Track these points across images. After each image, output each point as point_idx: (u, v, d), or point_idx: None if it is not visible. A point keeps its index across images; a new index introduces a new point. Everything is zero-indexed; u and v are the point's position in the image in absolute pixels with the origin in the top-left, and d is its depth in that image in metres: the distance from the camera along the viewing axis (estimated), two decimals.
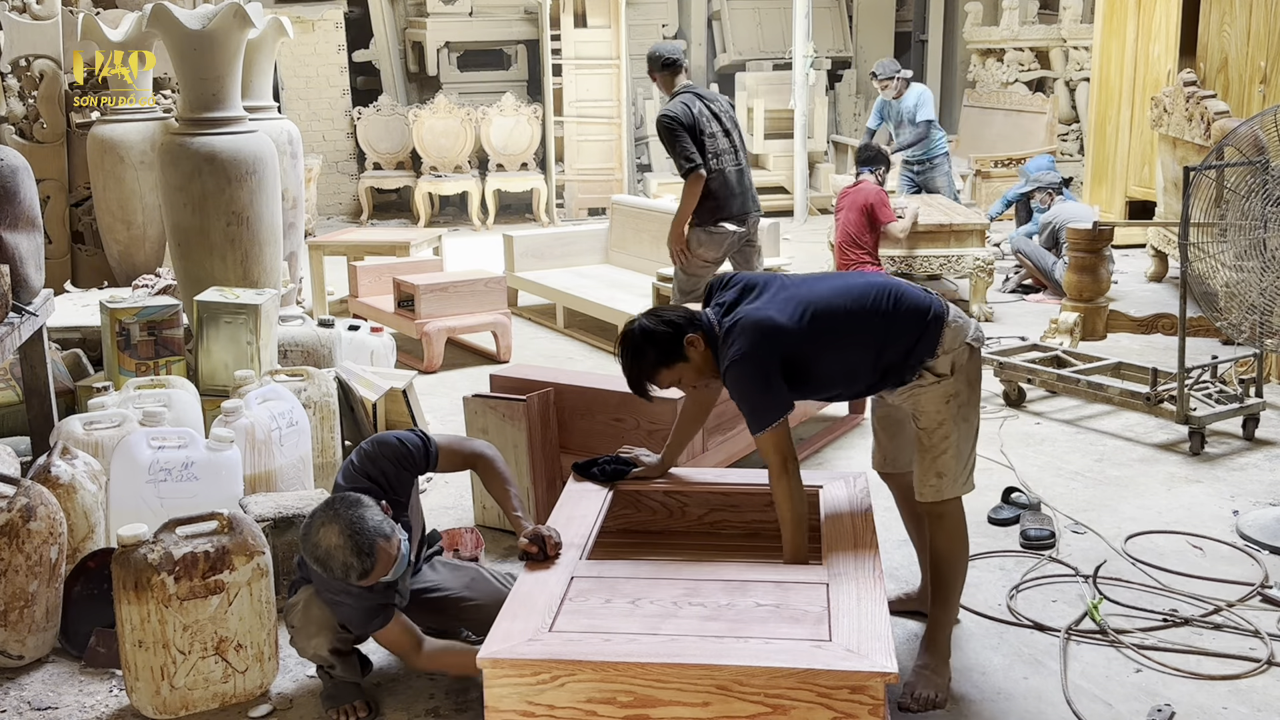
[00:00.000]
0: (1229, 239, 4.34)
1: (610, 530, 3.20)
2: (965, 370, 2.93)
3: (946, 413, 2.93)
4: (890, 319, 2.88)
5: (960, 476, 2.99)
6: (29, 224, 3.88)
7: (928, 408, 2.93)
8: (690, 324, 2.94)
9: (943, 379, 2.91)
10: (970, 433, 2.99)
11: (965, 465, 2.99)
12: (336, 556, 2.65)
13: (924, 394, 2.92)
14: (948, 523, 3.03)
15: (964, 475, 3.00)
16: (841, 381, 2.98)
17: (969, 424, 2.97)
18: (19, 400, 4.38)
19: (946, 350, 2.90)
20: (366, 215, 11.05)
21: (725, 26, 12.49)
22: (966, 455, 2.99)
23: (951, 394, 2.92)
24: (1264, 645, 3.20)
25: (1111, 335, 5.99)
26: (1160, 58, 8.29)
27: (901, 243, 6.90)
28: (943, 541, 3.04)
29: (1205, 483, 4.40)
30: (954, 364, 2.91)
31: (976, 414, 3.02)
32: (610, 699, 2.34)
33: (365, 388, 4.61)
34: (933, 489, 2.98)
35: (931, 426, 2.95)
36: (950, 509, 3.02)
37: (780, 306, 2.85)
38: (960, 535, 3.05)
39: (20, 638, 3.14)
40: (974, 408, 2.99)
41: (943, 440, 2.94)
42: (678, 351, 2.90)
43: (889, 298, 2.91)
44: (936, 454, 2.96)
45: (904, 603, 3.37)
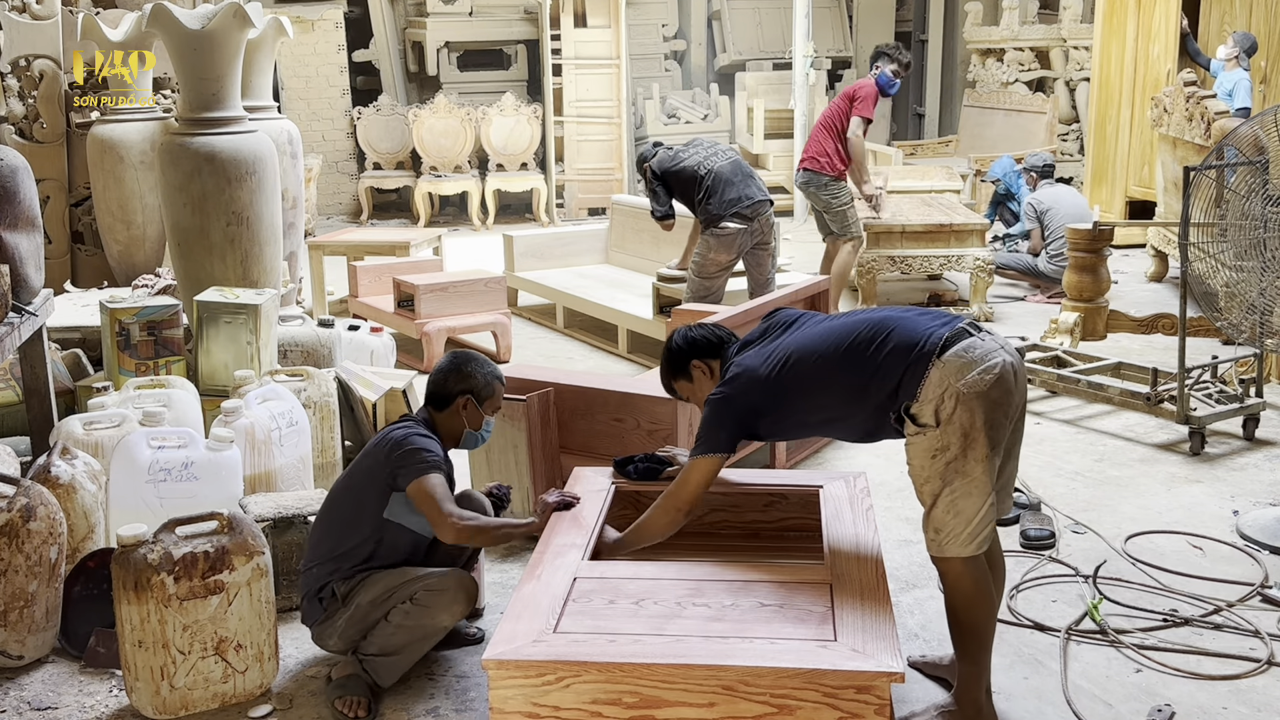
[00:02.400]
0: (1229, 239, 4.34)
1: None
2: (957, 421, 2.55)
3: (932, 469, 2.60)
4: (875, 359, 2.66)
5: (962, 535, 2.62)
6: (29, 224, 3.88)
7: (912, 460, 2.65)
8: (711, 350, 3.03)
9: (926, 430, 2.58)
10: (974, 490, 2.59)
11: (969, 524, 2.61)
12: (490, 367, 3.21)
13: (910, 445, 2.64)
14: (951, 581, 2.71)
15: (966, 534, 2.62)
16: (830, 426, 2.89)
17: (969, 479, 2.58)
18: (19, 400, 4.38)
19: (929, 397, 2.57)
20: (366, 215, 11.04)
21: (725, 26, 12.49)
22: (970, 513, 2.60)
23: (938, 448, 2.58)
24: (1264, 645, 3.20)
25: (1111, 335, 5.99)
26: (1160, 57, 8.30)
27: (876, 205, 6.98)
28: (953, 599, 2.74)
29: (1205, 483, 4.40)
30: (939, 413, 2.56)
31: (985, 468, 2.58)
32: (615, 700, 2.34)
33: (365, 388, 4.61)
34: (933, 543, 2.68)
35: (918, 482, 2.66)
36: (952, 567, 2.68)
37: (766, 355, 2.84)
38: (970, 596, 2.69)
39: (20, 638, 3.14)
40: (979, 462, 2.57)
41: (930, 497, 2.64)
42: (684, 369, 3.06)
43: (883, 335, 2.68)
44: (926, 508, 2.67)
45: (935, 667, 3.08)
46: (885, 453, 4.68)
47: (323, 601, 3.04)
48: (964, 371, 2.57)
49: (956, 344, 2.61)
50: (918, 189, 8.27)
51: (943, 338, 2.62)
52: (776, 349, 2.85)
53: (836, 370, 2.72)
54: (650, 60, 12.33)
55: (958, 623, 2.76)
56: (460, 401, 3.17)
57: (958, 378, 2.57)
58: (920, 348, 2.61)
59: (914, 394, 2.60)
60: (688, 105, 12.05)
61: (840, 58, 12.74)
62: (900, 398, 2.63)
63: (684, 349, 3.06)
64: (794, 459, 4.62)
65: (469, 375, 3.17)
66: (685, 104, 12.06)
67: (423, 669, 3.13)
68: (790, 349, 2.82)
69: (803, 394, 2.77)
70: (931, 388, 2.58)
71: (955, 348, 2.60)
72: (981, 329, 2.70)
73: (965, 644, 2.76)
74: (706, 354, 3.03)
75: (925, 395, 2.58)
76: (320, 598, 3.04)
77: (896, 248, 7.01)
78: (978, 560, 2.69)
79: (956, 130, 11.93)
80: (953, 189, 8.58)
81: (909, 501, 4.19)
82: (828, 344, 2.76)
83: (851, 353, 2.70)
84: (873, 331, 2.71)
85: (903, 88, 8.22)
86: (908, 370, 2.61)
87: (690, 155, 5.67)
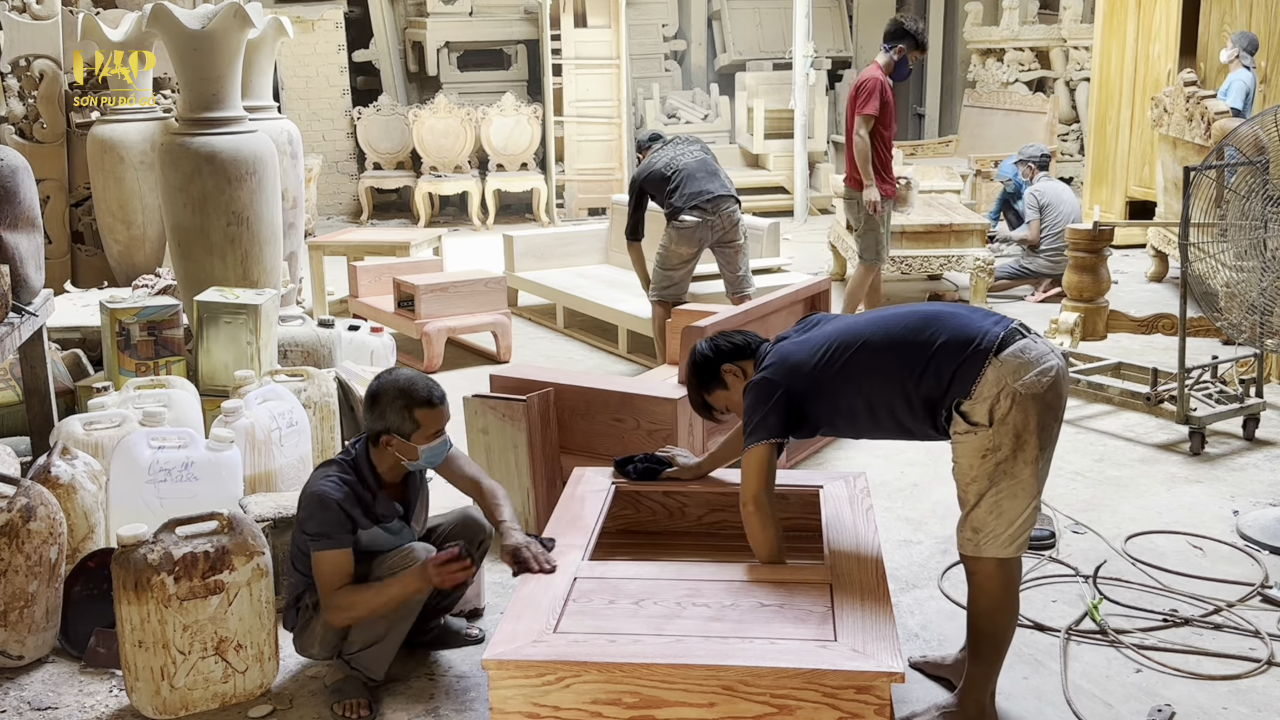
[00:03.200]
0: (1229, 239, 4.34)
1: (610, 531, 3.20)
2: (1010, 421, 2.53)
3: (980, 468, 2.57)
4: (927, 351, 2.60)
5: (1002, 536, 2.60)
6: (29, 224, 3.88)
7: (960, 459, 2.62)
8: (739, 352, 2.93)
9: (978, 429, 2.55)
10: (1017, 490, 2.57)
11: (1010, 525, 2.59)
12: (419, 381, 2.96)
13: (959, 444, 2.60)
14: (979, 579, 2.68)
15: (1006, 536, 2.60)
16: (878, 419, 2.72)
17: (1016, 481, 2.56)
18: (19, 400, 4.38)
19: (984, 395, 2.53)
20: (366, 215, 11.04)
21: (725, 26, 12.49)
22: (1013, 515, 2.59)
23: (989, 448, 2.55)
24: (1264, 645, 3.20)
25: (1111, 335, 5.99)
26: (1160, 57, 8.29)
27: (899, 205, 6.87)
28: (979, 601, 2.71)
29: (1205, 483, 4.40)
30: (993, 412, 2.53)
31: (1031, 470, 2.57)
32: (615, 700, 2.34)
33: (365, 388, 4.61)
34: (970, 543, 2.64)
35: (964, 481, 2.62)
36: (985, 568, 2.65)
37: (806, 342, 2.77)
38: (997, 600, 2.67)
39: (20, 638, 3.14)
40: (1026, 463, 2.56)
41: (976, 496, 2.60)
42: (715, 377, 2.94)
43: (931, 329, 2.63)
44: (969, 507, 2.63)
45: (937, 667, 3.04)
46: (885, 453, 4.69)
47: (299, 611, 3.02)
48: (1021, 372, 2.54)
49: (1012, 344, 2.57)
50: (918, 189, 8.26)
51: (999, 336, 2.57)
52: (819, 337, 2.77)
53: (886, 360, 2.65)
54: (650, 60, 12.33)
55: (979, 625, 2.73)
56: (384, 440, 2.95)
57: (1015, 378, 2.53)
58: (976, 345, 2.57)
59: (968, 391, 2.56)
60: (688, 105, 12.05)
61: (840, 58, 12.74)
62: (951, 394, 2.58)
63: (711, 356, 2.94)
64: (794, 459, 4.62)
65: (382, 413, 2.92)
66: (685, 104, 12.06)
67: (423, 669, 3.13)
68: (836, 337, 2.73)
69: (849, 382, 2.67)
70: (987, 386, 2.54)
71: (1011, 348, 2.56)
72: (1031, 331, 2.67)
73: (982, 646, 2.74)
74: (736, 357, 2.92)
75: (980, 393, 2.54)
76: (297, 606, 3.03)
77: (896, 248, 7.01)
78: (1012, 564, 2.67)
79: (956, 130, 11.93)
80: (953, 189, 8.59)
81: (909, 501, 4.20)
82: (876, 333, 2.69)
83: (902, 344, 2.64)
84: (924, 323, 2.65)
85: (903, 88, 8.16)
86: (961, 366, 2.56)
87: (660, 155, 5.76)
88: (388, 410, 2.92)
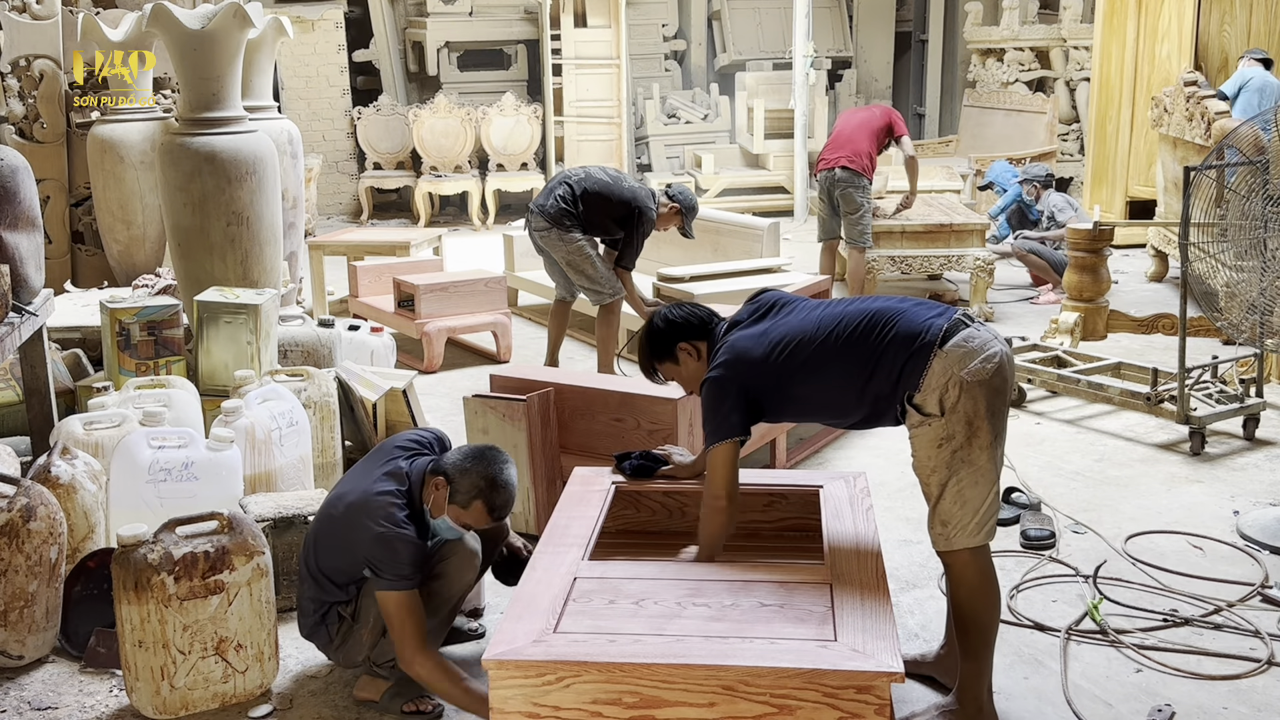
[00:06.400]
0: (1229, 239, 4.35)
1: (610, 530, 3.20)
2: (961, 410, 2.60)
3: (938, 458, 2.64)
4: (877, 349, 2.68)
5: (969, 525, 2.67)
6: (29, 224, 3.88)
7: (918, 451, 2.69)
8: (697, 331, 2.95)
9: (930, 420, 2.62)
10: (977, 477, 2.64)
11: (976, 513, 2.67)
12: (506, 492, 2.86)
13: (915, 436, 2.68)
14: (955, 572, 2.75)
15: (974, 524, 2.67)
16: (828, 411, 2.86)
17: (974, 468, 2.64)
18: (19, 400, 4.38)
19: (933, 386, 2.61)
20: (366, 215, 11.04)
21: (725, 26, 12.48)
22: (977, 502, 2.66)
23: (943, 437, 2.62)
24: (1264, 645, 3.20)
25: (1112, 335, 5.99)
26: (1169, 57, 8.27)
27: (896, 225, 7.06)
28: (958, 593, 2.77)
29: (1205, 483, 4.40)
30: (943, 402, 2.61)
31: (989, 455, 2.64)
32: (616, 700, 2.34)
33: (365, 388, 4.61)
34: (941, 538, 2.71)
35: (924, 473, 2.70)
36: (958, 559, 2.72)
37: (761, 336, 2.81)
38: (976, 588, 2.73)
39: (20, 638, 3.14)
40: (981, 449, 2.63)
41: (938, 487, 2.67)
42: (669, 352, 2.97)
43: (883, 326, 2.70)
44: (934, 500, 2.70)
45: (919, 665, 3.04)
46: (885, 453, 4.69)
47: (328, 626, 2.98)
48: (966, 360, 2.61)
49: (956, 334, 2.65)
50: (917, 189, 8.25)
51: (942, 328, 2.65)
52: (772, 332, 2.82)
53: (837, 359, 2.72)
54: (650, 60, 12.33)
55: (963, 618, 2.76)
56: (437, 482, 2.88)
57: (960, 366, 2.61)
58: (921, 338, 2.64)
59: (916, 384, 2.63)
60: (688, 105, 12.05)
61: (840, 58, 12.74)
62: (901, 388, 2.66)
63: (667, 331, 2.97)
64: (794, 459, 4.62)
65: (465, 472, 2.84)
66: (685, 104, 12.06)
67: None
68: (788, 334, 2.79)
69: (802, 379, 2.75)
70: (935, 377, 2.62)
71: (955, 338, 2.64)
72: (975, 320, 2.74)
73: (970, 640, 2.76)
74: (692, 335, 2.96)
75: (928, 385, 2.62)
76: (325, 621, 2.98)
77: (896, 248, 7.02)
78: (984, 551, 2.73)
79: (956, 130, 11.93)
80: (953, 189, 8.58)
81: (909, 501, 4.20)
82: (827, 332, 2.75)
83: (852, 343, 2.71)
84: (872, 322, 2.72)
85: (903, 88, 8.22)
86: (909, 360, 2.64)
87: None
88: (470, 474, 2.83)
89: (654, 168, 11.75)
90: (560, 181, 5.53)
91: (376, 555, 2.79)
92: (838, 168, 6.82)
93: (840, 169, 6.81)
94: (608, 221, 5.48)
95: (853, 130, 6.90)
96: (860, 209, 6.83)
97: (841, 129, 7.00)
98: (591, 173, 5.57)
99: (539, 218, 5.46)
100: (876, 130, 6.88)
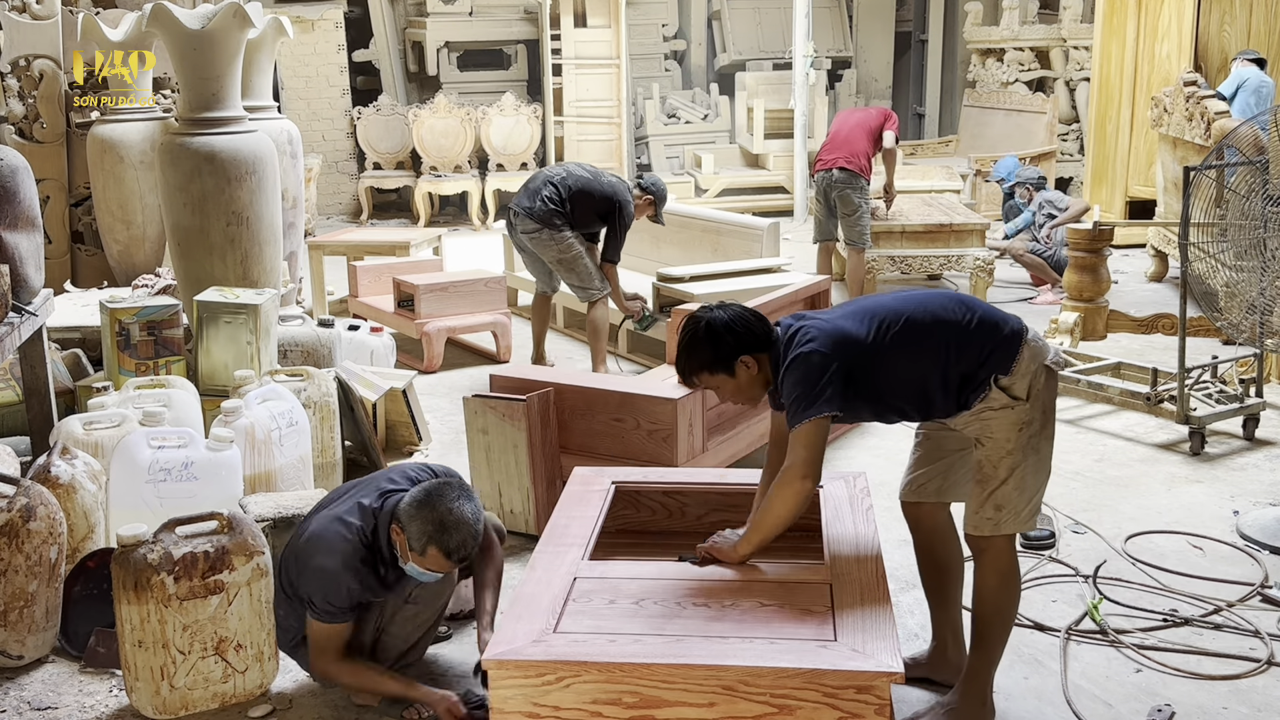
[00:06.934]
0: (1229, 239, 4.35)
1: (610, 530, 3.20)
2: (1042, 397, 2.70)
3: (1016, 441, 2.68)
4: (964, 330, 2.69)
5: (1022, 512, 2.72)
6: (29, 224, 3.88)
7: (997, 433, 2.69)
8: (758, 342, 2.73)
9: (1017, 403, 2.67)
10: (1039, 466, 2.74)
11: (1029, 501, 2.73)
12: (459, 531, 2.74)
13: (995, 419, 2.68)
14: (990, 558, 2.75)
15: (1026, 511, 2.73)
16: (911, 395, 2.73)
17: (1039, 456, 2.73)
18: (19, 400, 4.38)
19: (1024, 372, 2.67)
20: (366, 215, 11.04)
21: (725, 26, 12.48)
22: (1033, 490, 2.73)
23: (1025, 421, 2.68)
24: (1264, 645, 3.20)
25: (1111, 335, 5.99)
26: (1169, 57, 8.27)
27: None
28: (992, 579, 2.77)
29: (1205, 483, 4.40)
30: (1031, 388, 2.67)
31: (1049, 447, 2.76)
32: (616, 700, 2.34)
33: (365, 388, 4.61)
34: (989, 522, 2.72)
35: (997, 456, 2.70)
36: (1000, 544, 2.75)
37: (849, 317, 2.73)
38: (1008, 575, 2.77)
39: (20, 638, 3.14)
40: (1048, 440, 2.75)
41: (1008, 470, 2.69)
42: (728, 363, 2.72)
43: (964, 309, 2.73)
44: (997, 484, 2.70)
45: (913, 667, 2.97)
46: (885, 453, 4.69)
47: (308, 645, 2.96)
48: (1044, 353, 2.74)
49: (1029, 331, 2.77)
50: (918, 189, 8.27)
51: (1023, 324, 2.77)
52: (858, 312, 2.73)
53: (932, 334, 2.69)
54: (650, 60, 12.33)
55: (989, 607, 2.78)
56: (394, 529, 2.81)
57: (1043, 356, 2.73)
58: (1010, 326, 2.73)
59: (1007, 368, 2.68)
60: (688, 105, 12.05)
61: (840, 58, 12.74)
62: (987, 369, 2.67)
63: (730, 340, 2.70)
64: None
65: (414, 517, 2.74)
66: (685, 104, 12.06)
67: (423, 669, 3.12)
68: (877, 312, 2.72)
69: (902, 354, 2.67)
70: (1025, 363, 2.69)
71: (1031, 333, 2.76)
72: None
73: (992, 630, 2.79)
74: (755, 347, 2.72)
75: (1020, 370, 2.68)
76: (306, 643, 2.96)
77: (896, 248, 7.02)
78: (1014, 540, 2.81)
79: (956, 130, 11.93)
80: (953, 189, 8.58)
81: None
82: (916, 310, 2.72)
83: (944, 320, 2.71)
84: (955, 304, 2.75)
85: (902, 88, 8.23)
86: (1000, 344, 2.69)
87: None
88: (417, 522, 2.74)
89: (654, 168, 11.75)
90: (545, 182, 5.60)
91: (311, 587, 2.83)
92: (835, 168, 6.83)
93: (838, 170, 6.82)
94: (592, 217, 5.63)
95: (850, 130, 6.92)
96: (858, 210, 6.84)
97: (839, 130, 7.01)
98: (572, 170, 5.69)
99: (528, 220, 5.55)
100: (874, 130, 6.91)
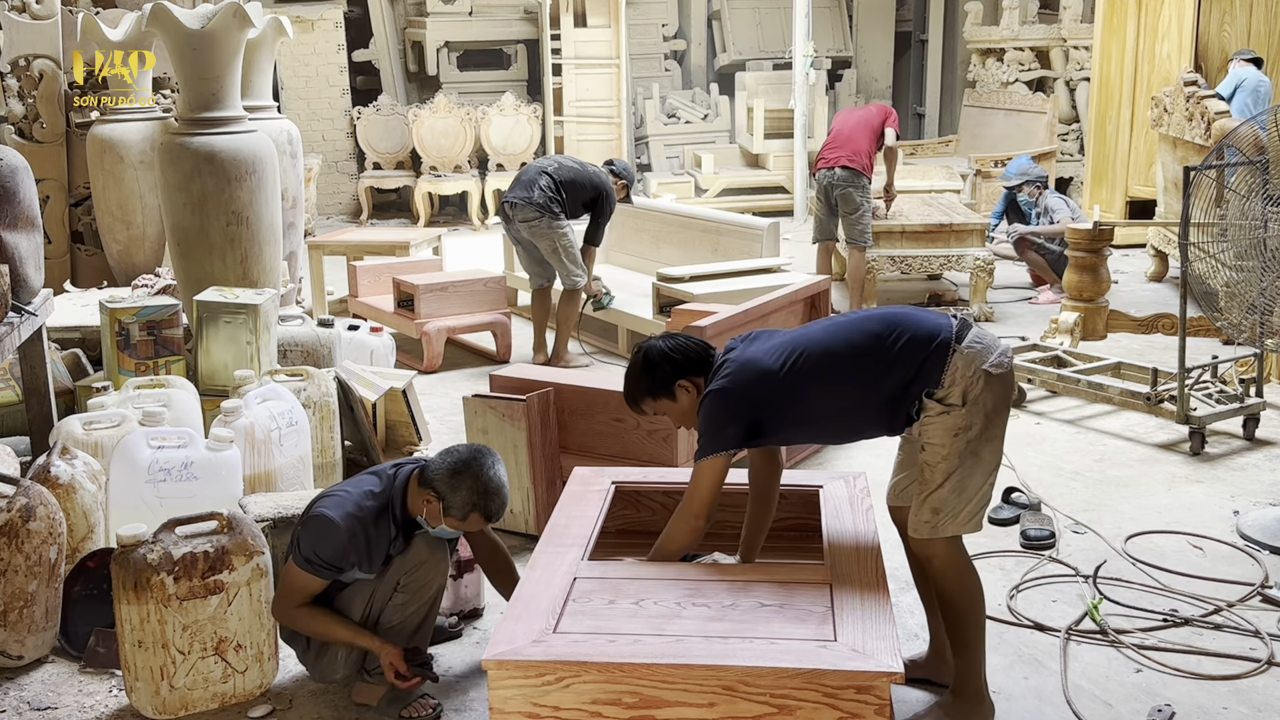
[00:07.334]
0: (1229, 239, 4.34)
1: (610, 530, 3.20)
2: (981, 402, 2.68)
3: (952, 446, 2.69)
4: (884, 356, 2.71)
5: (960, 514, 2.74)
6: (29, 224, 3.88)
7: (933, 438, 2.71)
8: (695, 366, 2.84)
9: (952, 410, 2.68)
10: (980, 469, 2.73)
11: (969, 503, 2.74)
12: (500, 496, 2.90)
13: (931, 424, 2.70)
14: (940, 562, 2.79)
15: (965, 514, 2.74)
16: (833, 422, 2.82)
17: (978, 459, 2.72)
18: (19, 400, 4.37)
19: (957, 380, 2.67)
20: (366, 215, 11.04)
21: (725, 26, 12.48)
22: (973, 493, 2.73)
23: (961, 427, 2.68)
24: (1264, 645, 3.20)
25: (1111, 335, 5.99)
26: (1169, 57, 8.27)
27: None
28: (948, 582, 2.81)
29: (1205, 483, 4.40)
30: (966, 394, 2.67)
31: (993, 450, 2.74)
32: (615, 700, 2.34)
33: (365, 388, 4.61)
34: (927, 525, 2.75)
35: (934, 460, 2.72)
36: (940, 549, 2.77)
37: (769, 351, 2.78)
38: (960, 575, 2.80)
39: (20, 638, 3.13)
40: (990, 442, 2.72)
41: (943, 475, 2.71)
42: (667, 389, 2.85)
43: (890, 331, 2.73)
44: (934, 487, 2.73)
45: (912, 669, 2.97)
46: (886, 453, 4.67)
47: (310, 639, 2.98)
48: (985, 355, 2.71)
49: (967, 333, 2.73)
50: (918, 189, 8.26)
51: (954, 328, 2.74)
52: (776, 345, 2.79)
53: (849, 364, 2.73)
54: (650, 60, 12.33)
55: (953, 609, 2.81)
56: (427, 496, 2.89)
57: (981, 361, 2.70)
58: (939, 337, 2.71)
59: (937, 381, 2.69)
60: (688, 105, 12.04)
61: (840, 58, 12.73)
62: (916, 386, 2.70)
63: (666, 368, 2.84)
64: (794, 459, 4.62)
65: (454, 486, 2.85)
66: (685, 104, 12.06)
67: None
68: (795, 343, 2.78)
69: (814, 386, 2.73)
70: (958, 371, 2.68)
71: (968, 337, 2.72)
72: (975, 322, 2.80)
73: (966, 630, 2.80)
74: (693, 372, 2.85)
75: (951, 380, 2.68)
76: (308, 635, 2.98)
77: (896, 248, 7.01)
78: (960, 541, 2.80)
79: (956, 130, 11.92)
80: (953, 189, 8.57)
81: None
82: (836, 338, 2.77)
83: (864, 346, 2.73)
84: (882, 325, 2.76)
85: (902, 88, 8.23)
86: (928, 359, 2.69)
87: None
88: (460, 489, 2.84)
89: (654, 168, 11.75)
90: (539, 172, 5.98)
91: (305, 531, 2.87)
92: (838, 167, 6.82)
93: (840, 169, 6.81)
94: (580, 205, 6.07)
95: (851, 129, 6.92)
96: (859, 209, 6.83)
97: (841, 128, 7.01)
98: (563, 162, 6.13)
99: (528, 209, 5.88)
100: (876, 129, 6.91)
